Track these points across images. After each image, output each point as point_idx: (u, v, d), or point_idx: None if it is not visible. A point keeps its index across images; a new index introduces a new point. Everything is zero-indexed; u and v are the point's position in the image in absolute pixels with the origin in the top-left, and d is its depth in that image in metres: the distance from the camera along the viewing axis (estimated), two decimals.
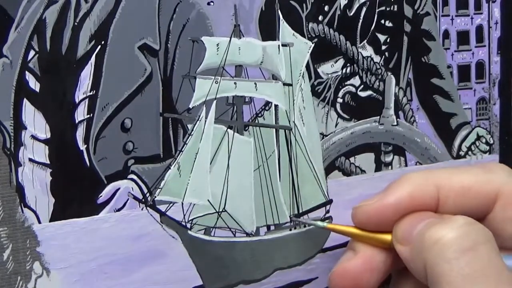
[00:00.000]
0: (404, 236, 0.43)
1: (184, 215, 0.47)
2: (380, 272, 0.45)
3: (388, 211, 0.43)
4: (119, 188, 0.45)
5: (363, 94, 0.52)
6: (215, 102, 0.47)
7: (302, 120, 0.50)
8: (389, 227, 0.43)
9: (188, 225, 0.47)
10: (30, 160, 0.43)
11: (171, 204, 0.46)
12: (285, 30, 0.48)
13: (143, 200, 0.46)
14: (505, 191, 0.44)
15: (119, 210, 0.45)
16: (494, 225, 0.43)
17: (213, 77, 0.46)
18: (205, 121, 0.47)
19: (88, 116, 0.44)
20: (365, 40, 0.51)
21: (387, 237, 0.43)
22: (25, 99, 0.42)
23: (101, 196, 0.45)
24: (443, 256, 0.40)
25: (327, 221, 0.50)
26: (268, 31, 0.48)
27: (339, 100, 0.51)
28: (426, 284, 0.41)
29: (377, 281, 0.45)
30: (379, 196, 0.43)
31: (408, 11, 0.53)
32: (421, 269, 0.41)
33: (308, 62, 0.49)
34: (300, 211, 0.50)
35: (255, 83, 0.48)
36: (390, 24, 0.52)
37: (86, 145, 0.44)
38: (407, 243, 0.43)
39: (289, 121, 0.49)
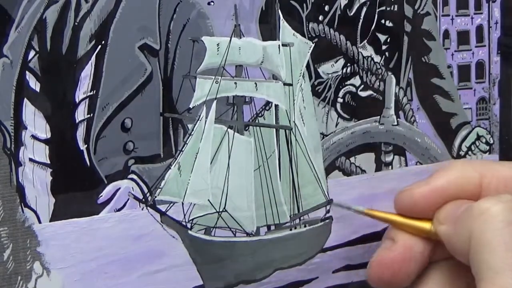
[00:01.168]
0: (447, 216, 0.44)
1: (185, 215, 0.47)
2: (418, 262, 0.45)
3: (435, 195, 0.44)
4: (119, 188, 0.45)
5: (363, 94, 0.53)
6: (215, 102, 0.47)
7: (303, 120, 0.50)
8: (430, 215, 0.44)
9: (189, 225, 0.47)
10: (31, 160, 0.43)
11: (171, 204, 0.46)
12: (285, 30, 0.48)
13: (143, 200, 0.46)
14: None
15: (119, 210, 0.45)
16: None
17: (213, 77, 0.46)
18: (206, 121, 0.47)
19: (89, 116, 0.44)
20: (366, 40, 0.52)
21: (427, 224, 0.44)
22: (25, 99, 0.42)
23: (101, 196, 0.45)
24: (489, 225, 0.41)
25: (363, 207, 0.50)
26: (269, 31, 0.48)
27: (340, 100, 0.51)
28: (464, 264, 0.42)
29: (414, 272, 0.45)
30: (424, 181, 0.45)
31: (408, 11, 0.53)
32: (464, 241, 0.42)
33: (308, 62, 0.49)
34: (300, 211, 0.50)
35: (256, 83, 0.48)
36: (391, 24, 0.52)
37: (86, 145, 0.44)
38: (451, 222, 0.43)
39: (290, 121, 0.49)
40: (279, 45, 0.48)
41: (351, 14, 0.51)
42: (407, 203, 0.45)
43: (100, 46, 0.43)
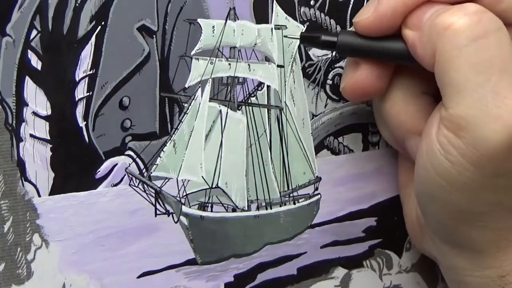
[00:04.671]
0: (414, 21, 0.42)
1: (179, 191, 0.47)
2: (387, 75, 0.45)
3: (388, 16, 0.42)
4: (116, 164, 0.45)
5: None
6: (210, 81, 0.47)
7: (293, 101, 0.50)
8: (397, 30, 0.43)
9: (183, 201, 0.47)
10: (31, 135, 0.43)
11: (166, 180, 0.47)
12: (278, 13, 0.48)
13: (139, 175, 0.46)
14: None
15: (116, 185, 0.45)
16: (504, 14, 0.42)
17: (208, 58, 0.47)
18: (200, 100, 0.47)
19: (88, 94, 0.44)
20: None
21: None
22: (27, 77, 0.42)
23: (99, 171, 0.45)
24: (453, 42, 0.39)
25: None
26: (262, 15, 0.48)
27: (329, 81, 0.52)
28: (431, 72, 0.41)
29: (386, 83, 0.45)
30: (370, 7, 0.43)
31: None
32: (429, 55, 0.41)
33: (299, 44, 0.50)
34: (290, 188, 0.51)
35: (249, 65, 0.48)
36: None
37: (85, 122, 0.44)
38: (417, 29, 0.42)
39: (281, 101, 0.50)
40: (272, 28, 0.48)
41: None
42: (371, 21, 0.43)
43: (100, 27, 0.44)
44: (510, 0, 0.42)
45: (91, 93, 0.44)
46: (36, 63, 0.43)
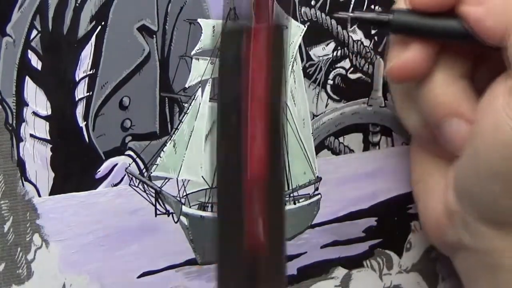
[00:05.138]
0: None
1: (179, 191, 0.47)
2: (434, 55, 0.44)
3: None
4: (116, 164, 0.45)
5: (352, 76, 0.53)
6: (210, 81, 0.47)
7: (294, 101, 0.50)
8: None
9: (183, 201, 0.47)
10: (31, 135, 0.43)
11: (166, 180, 0.47)
12: (278, 13, 0.48)
13: (139, 175, 0.46)
14: None
15: (116, 185, 0.46)
16: None
17: (208, 58, 0.47)
18: (201, 100, 0.47)
19: (88, 94, 0.44)
20: (356, 25, 0.52)
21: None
22: (27, 77, 0.43)
23: (99, 171, 0.45)
24: None
25: None
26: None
27: (330, 81, 0.52)
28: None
29: (431, 65, 0.44)
30: None
31: None
32: (500, 29, 0.40)
33: (300, 44, 0.50)
34: (291, 188, 0.51)
35: None
36: (380, 9, 0.52)
37: (85, 122, 0.44)
38: (480, 4, 0.41)
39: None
40: None
41: None
42: None
43: (100, 27, 0.44)
44: None
45: (91, 93, 0.44)
46: (36, 63, 0.43)
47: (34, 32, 0.42)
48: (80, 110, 0.44)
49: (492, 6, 0.41)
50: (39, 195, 0.44)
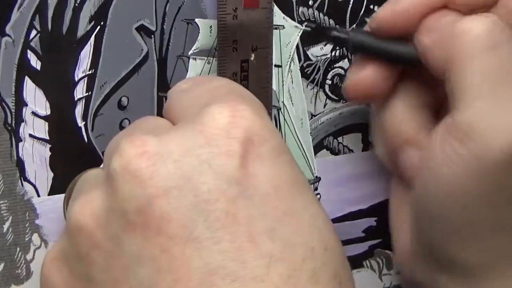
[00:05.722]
0: (429, 25, 0.42)
1: None
2: (391, 77, 0.45)
3: (404, 17, 0.43)
4: None
5: None
6: None
7: (291, 101, 0.50)
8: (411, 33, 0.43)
9: None
10: (31, 135, 0.43)
11: None
12: (275, 13, 0.48)
13: None
14: None
15: None
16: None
17: (205, 58, 0.47)
18: None
19: (87, 94, 0.44)
20: (354, 25, 0.51)
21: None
22: (26, 77, 0.43)
23: None
24: (470, 48, 0.39)
25: None
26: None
27: (328, 81, 0.52)
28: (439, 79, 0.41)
29: (389, 86, 0.45)
30: (391, 5, 0.43)
31: None
32: (442, 60, 0.40)
33: (298, 44, 0.50)
34: None
35: None
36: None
37: (84, 122, 0.44)
38: (431, 33, 0.42)
39: (278, 101, 0.50)
40: None
41: None
42: (386, 19, 0.43)
43: (99, 27, 0.44)
44: None
45: (90, 93, 0.44)
46: (35, 63, 0.43)
47: (34, 32, 0.42)
48: (79, 110, 0.44)
49: (437, 37, 0.42)
50: (38, 195, 0.44)
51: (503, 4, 0.42)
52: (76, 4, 0.43)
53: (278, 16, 0.48)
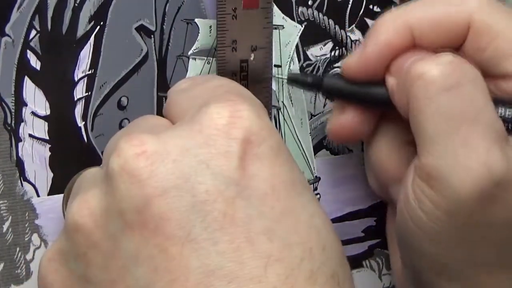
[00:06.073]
0: (396, 68, 0.43)
1: None
2: (372, 119, 0.45)
3: (372, 61, 0.43)
4: None
5: None
6: None
7: (291, 100, 0.50)
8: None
9: None
10: (30, 135, 0.43)
11: None
12: (275, 13, 0.48)
13: None
14: (476, 19, 0.42)
15: None
16: (467, 56, 0.42)
17: (205, 58, 0.47)
18: None
19: (87, 94, 0.44)
20: (354, 24, 0.52)
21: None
22: (26, 77, 0.43)
23: None
24: (424, 92, 0.39)
25: None
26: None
27: None
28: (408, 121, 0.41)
29: (370, 127, 0.45)
30: (357, 52, 0.44)
31: None
32: (404, 104, 0.41)
33: (297, 44, 0.50)
34: None
35: None
36: (378, 9, 0.52)
37: (84, 122, 0.44)
38: (397, 76, 0.42)
39: (278, 101, 0.50)
40: None
41: None
42: (356, 66, 0.43)
43: (98, 27, 0.44)
44: (493, 50, 0.42)
45: (89, 93, 0.44)
46: (35, 63, 0.43)
47: (33, 32, 0.42)
48: (79, 110, 0.44)
49: (400, 80, 0.42)
50: (38, 195, 0.44)
51: (471, 40, 0.42)
52: (76, 4, 0.43)
53: (278, 16, 0.48)
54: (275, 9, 0.48)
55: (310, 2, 0.50)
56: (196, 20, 0.46)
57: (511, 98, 0.43)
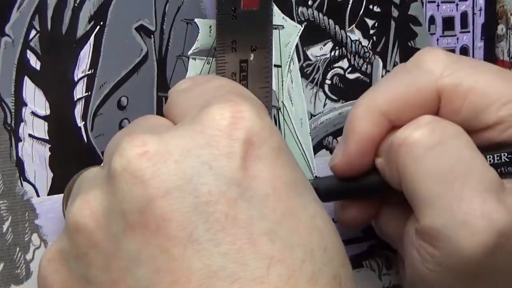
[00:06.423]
0: (381, 149, 0.43)
1: None
2: (375, 206, 0.46)
3: (358, 158, 0.44)
4: None
5: (351, 76, 0.53)
6: None
7: (291, 101, 0.50)
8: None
9: None
10: (30, 135, 0.43)
11: None
12: (275, 13, 0.48)
13: None
14: (445, 84, 0.43)
15: None
16: (445, 118, 0.43)
17: (205, 58, 0.47)
18: None
19: (87, 94, 0.44)
20: (354, 24, 0.52)
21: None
22: (26, 77, 0.43)
23: None
24: (410, 155, 0.40)
25: None
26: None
27: (328, 81, 0.52)
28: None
29: (375, 211, 0.47)
30: (340, 151, 0.45)
31: None
32: (395, 175, 0.41)
33: (297, 44, 0.50)
34: None
35: None
36: (378, 9, 0.53)
37: (84, 122, 0.44)
38: (382, 153, 0.43)
39: (278, 101, 0.50)
40: None
41: None
42: (344, 166, 0.44)
43: (98, 27, 0.44)
44: (468, 108, 0.43)
45: (89, 93, 0.44)
46: (35, 63, 0.43)
47: (33, 32, 0.42)
48: (78, 110, 0.44)
49: (386, 155, 0.43)
50: (38, 195, 0.44)
51: (445, 105, 0.43)
52: (76, 4, 0.43)
53: (278, 16, 0.49)
54: (275, 9, 0.48)
55: (310, 2, 0.50)
56: (196, 20, 0.46)
57: (498, 143, 0.43)
